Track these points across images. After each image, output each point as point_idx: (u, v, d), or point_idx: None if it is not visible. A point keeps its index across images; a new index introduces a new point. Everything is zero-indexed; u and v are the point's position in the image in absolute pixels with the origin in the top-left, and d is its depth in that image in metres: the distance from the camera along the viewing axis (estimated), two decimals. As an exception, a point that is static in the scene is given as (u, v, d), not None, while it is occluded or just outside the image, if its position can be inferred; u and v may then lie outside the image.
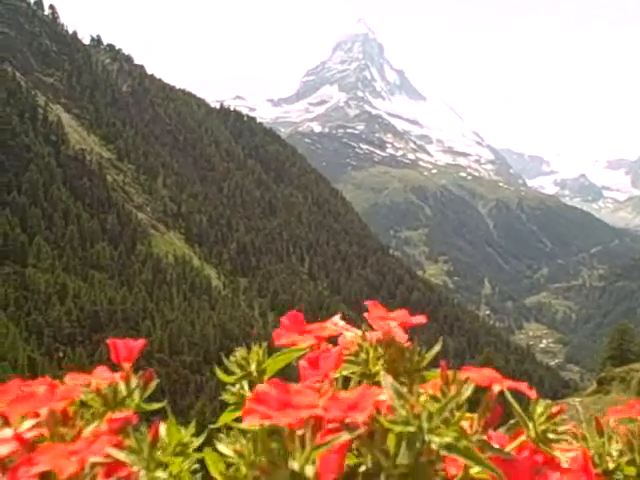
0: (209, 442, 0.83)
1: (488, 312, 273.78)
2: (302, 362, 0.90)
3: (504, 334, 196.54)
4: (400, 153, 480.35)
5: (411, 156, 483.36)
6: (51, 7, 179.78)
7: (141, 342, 0.97)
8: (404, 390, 0.77)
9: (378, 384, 0.83)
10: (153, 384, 0.93)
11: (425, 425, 0.72)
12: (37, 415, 0.82)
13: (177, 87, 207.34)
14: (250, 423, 0.74)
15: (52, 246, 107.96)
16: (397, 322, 0.99)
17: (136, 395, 0.91)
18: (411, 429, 0.72)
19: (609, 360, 65.70)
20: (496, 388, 0.83)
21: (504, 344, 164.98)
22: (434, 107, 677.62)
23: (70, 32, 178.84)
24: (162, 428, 0.85)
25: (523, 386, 0.86)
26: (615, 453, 0.91)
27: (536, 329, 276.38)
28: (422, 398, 0.78)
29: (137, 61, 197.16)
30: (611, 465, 0.90)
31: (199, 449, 0.85)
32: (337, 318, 1.05)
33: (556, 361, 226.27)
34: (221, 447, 0.80)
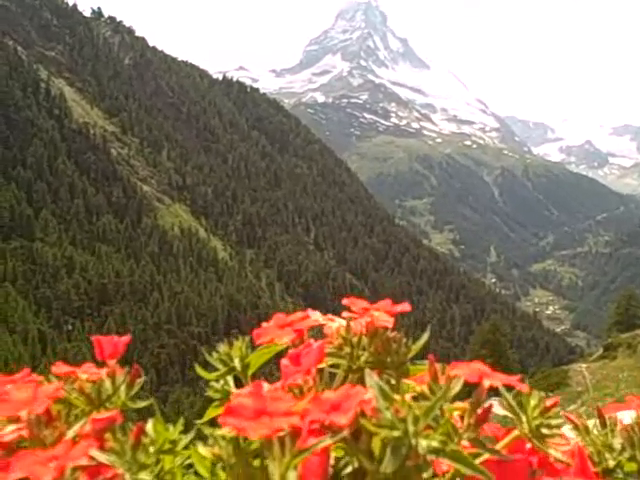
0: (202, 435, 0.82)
1: (494, 280, 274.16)
2: (284, 359, 0.87)
3: (510, 301, 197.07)
4: (404, 122, 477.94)
5: (415, 125, 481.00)
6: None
7: (126, 338, 0.96)
8: (389, 389, 0.73)
9: (363, 379, 0.79)
10: (140, 381, 0.90)
11: (411, 429, 0.68)
12: (19, 417, 0.80)
13: (179, 59, 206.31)
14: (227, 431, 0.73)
15: (58, 220, 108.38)
16: (381, 311, 0.95)
17: (122, 393, 0.88)
18: (396, 434, 0.68)
19: (615, 326, 65.86)
20: (486, 383, 0.80)
21: (510, 311, 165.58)
22: (438, 75, 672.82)
23: (70, 4, 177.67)
24: (149, 425, 0.82)
25: (514, 380, 0.80)
26: (617, 448, 0.85)
27: (542, 296, 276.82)
28: (408, 396, 0.75)
29: (138, 33, 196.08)
30: (612, 463, 0.84)
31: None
32: (311, 312, 1.01)
33: (562, 327, 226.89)
34: (201, 449, 0.79)
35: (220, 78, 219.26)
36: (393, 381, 0.85)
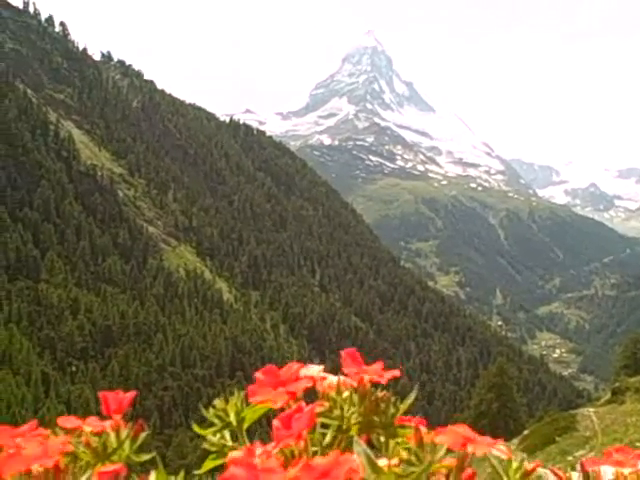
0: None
1: (500, 322, 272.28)
2: (275, 422, 0.91)
3: (516, 344, 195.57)
4: (410, 165, 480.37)
5: (421, 168, 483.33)
6: (62, 24, 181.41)
7: (132, 394, 0.99)
8: (379, 452, 0.77)
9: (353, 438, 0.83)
10: (143, 435, 0.95)
11: None
12: (29, 471, 0.83)
13: (187, 102, 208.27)
14: None
15: (64, 261, 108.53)
16: (371, 376, 0.98)
17: (126, 446, 0.92)
18: None
19: (623, 370, 65.15)
20: (470, 449, 0.82)
21: (517, 354, 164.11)
22: (443, 118, 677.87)
23: (81, 48, 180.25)
24: (152, 477, 0.86)
25: (499, 445, 0.85)
26: None
27: (549, 339, 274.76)
28: (395, 461, 0.78)
29: (147, 76, 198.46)
30: None
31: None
32: (308, 366, 1.05)
33: (570, 371, 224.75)
34: None
35: (227, 121, 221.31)
36: (382, 438, 0.88)
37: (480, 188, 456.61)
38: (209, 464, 0.99)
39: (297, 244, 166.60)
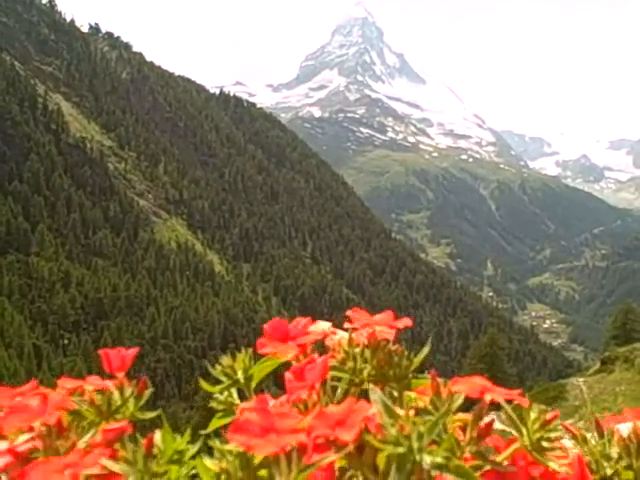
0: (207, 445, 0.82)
1: (491, 294, 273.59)
2: (287, 374, 0.89)
3: (507, 315, 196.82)
4: (401, 137, 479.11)
5: (412, 139, 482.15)
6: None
7: (134, 350, 0.96)
8: (393, 405, 0.74)
9: (366, 392, 0.80)
10: (147, 392, 0.92)
11: (415, 445, 0.69)
12: (31, 428, 0.81)
13: (176, 74, 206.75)
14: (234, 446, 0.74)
15: (55, 234, 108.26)
16: (382, 325, 0.97)
17: (130, 404, 0.90)
18: (401, 450, 0.69)
19: (613, 339, 65.58)
20: (488, 398, 0.80)
21: (507, 325, 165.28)
22: (434, 90, 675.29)
23: (68, 20, 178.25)
24: (157, 436, 0.84)
25: (515, 394, 0.82)
26: (614, 456, 0.85)
27: (539, 310, 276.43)
28: (411, 412, 0.76)
29: (136, 48, 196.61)
30: (609, 471, 0.84)
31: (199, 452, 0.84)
32: (320, 323, 1.01)
33: (560, 341, 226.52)
34: (208, 463, 0.79)
35: (217, 93, 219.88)
36: (395, 393, 0.86)
37: (471, 160, 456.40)
38: (216, 422, 0.97)
39: (288, 216, 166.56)
